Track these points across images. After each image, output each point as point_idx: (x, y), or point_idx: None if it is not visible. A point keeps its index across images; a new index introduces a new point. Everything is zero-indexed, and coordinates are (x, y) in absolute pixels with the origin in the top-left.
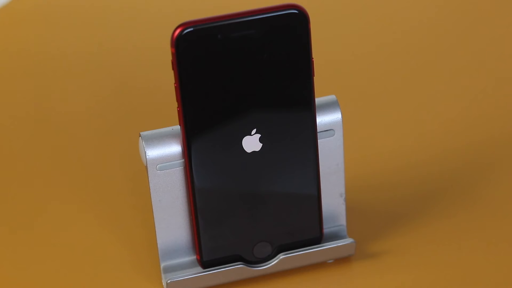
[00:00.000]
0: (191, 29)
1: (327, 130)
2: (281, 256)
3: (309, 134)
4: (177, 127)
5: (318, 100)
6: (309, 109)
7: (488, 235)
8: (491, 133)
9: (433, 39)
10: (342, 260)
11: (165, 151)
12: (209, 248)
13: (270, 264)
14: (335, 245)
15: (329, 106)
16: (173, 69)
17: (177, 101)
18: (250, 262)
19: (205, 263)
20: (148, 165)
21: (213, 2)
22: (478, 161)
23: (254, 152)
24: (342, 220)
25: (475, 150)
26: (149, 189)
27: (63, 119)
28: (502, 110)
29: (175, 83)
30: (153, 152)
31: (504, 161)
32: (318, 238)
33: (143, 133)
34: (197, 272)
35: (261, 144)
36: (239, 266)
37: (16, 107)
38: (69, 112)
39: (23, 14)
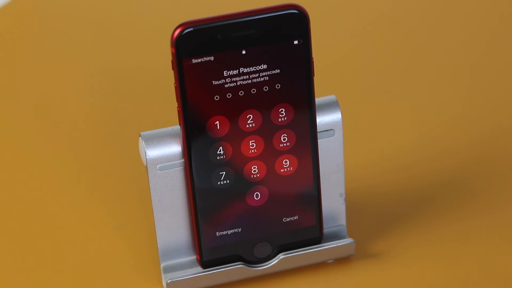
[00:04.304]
0: (191, 29)
1: (327, 130)
2: (281, 256)
3: (309, 134)
4: (177, 127)
5: (318, 100)
6: (309, 109)
7: (488, 234)
8: (490, 133)
9: (433, 39)
10: (342, 260)
11: (165, 151)
12: (209, 248)
13: (270, 264)
14: (335, 245)
15: (329, 106)
16: (173, 69)
17: (177, 101)
18: (250, 262)
19: (205, 263)
20: (148, 165)
21: (213, 2)
22: (477, 160)
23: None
24: (342, 220)
25: (474, 150)
26: (149, 189)
27: (62, 119)
28: (501, 109)
29: (175, 83)
30: (153, 152)
31: (502, 161)
32: (318, 238)
33: (143, 133)
34: (197, 272)
35: None
36: (239, 266)
37: (16, 107)
38: (69, 112)
39: (23, 14)
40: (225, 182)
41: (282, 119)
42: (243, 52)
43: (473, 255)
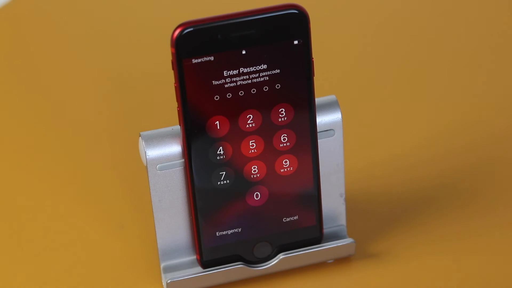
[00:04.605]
0: (191, 29)
1: (327, 130)
2: (281, 256)
3: (309, 134)
4: (177, 127)
5: (318, 100)
6: (309, 109)
7: (488, 234)
8: (490, 134)
9: (433, 39)
10: (342, 260)
11: (165, 151)
12: (209, 248)
13: (270, 264)
14: (335, 245)
15: (329, 106)
16: (173, 69)
17: (177, 101)
18: (250, 262)
19: (205, 263)
20: (148, 165)
21: (213, 2)
22: (477, 161)
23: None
24: (342, 220)
25: (474, 151)
26: (149, 189)
27: (63, 119)
28: (501, 110)
29: (175, 83)
30: (153, 152)
31: (502, 162)
32: (318, 238)
33: (143, 133)
34: (197, 272)
35: None
36: (239, 266)
37: (16, 107)
38: (69, 111)
39: (23, 14)
40: (225, 182)
41: (282, 119)
42: (243, 52)
43: (473, 255)
